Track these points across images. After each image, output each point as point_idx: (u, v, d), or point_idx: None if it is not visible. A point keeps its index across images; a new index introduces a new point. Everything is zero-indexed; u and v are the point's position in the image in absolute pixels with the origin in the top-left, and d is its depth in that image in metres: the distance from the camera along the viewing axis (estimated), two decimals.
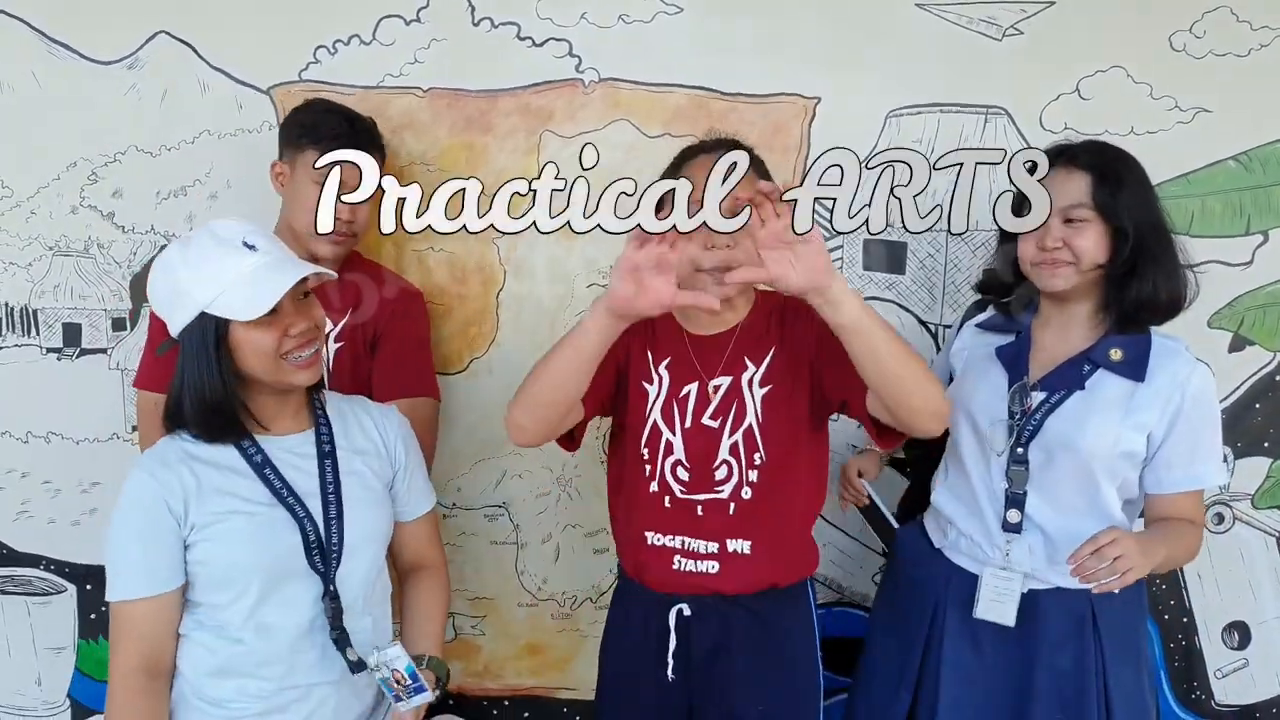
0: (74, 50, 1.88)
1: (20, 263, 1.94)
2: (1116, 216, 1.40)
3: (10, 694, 2.06)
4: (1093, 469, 1.44)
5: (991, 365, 1.55)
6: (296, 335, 1.24)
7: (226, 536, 1.25)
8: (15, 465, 1.99)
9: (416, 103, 1.90)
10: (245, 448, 1.29)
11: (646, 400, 1.47)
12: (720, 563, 1.45)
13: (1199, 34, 1.86)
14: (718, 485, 1.44)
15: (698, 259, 1.36)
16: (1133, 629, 1.52)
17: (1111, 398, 1.44)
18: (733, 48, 1.88)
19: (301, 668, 1.29)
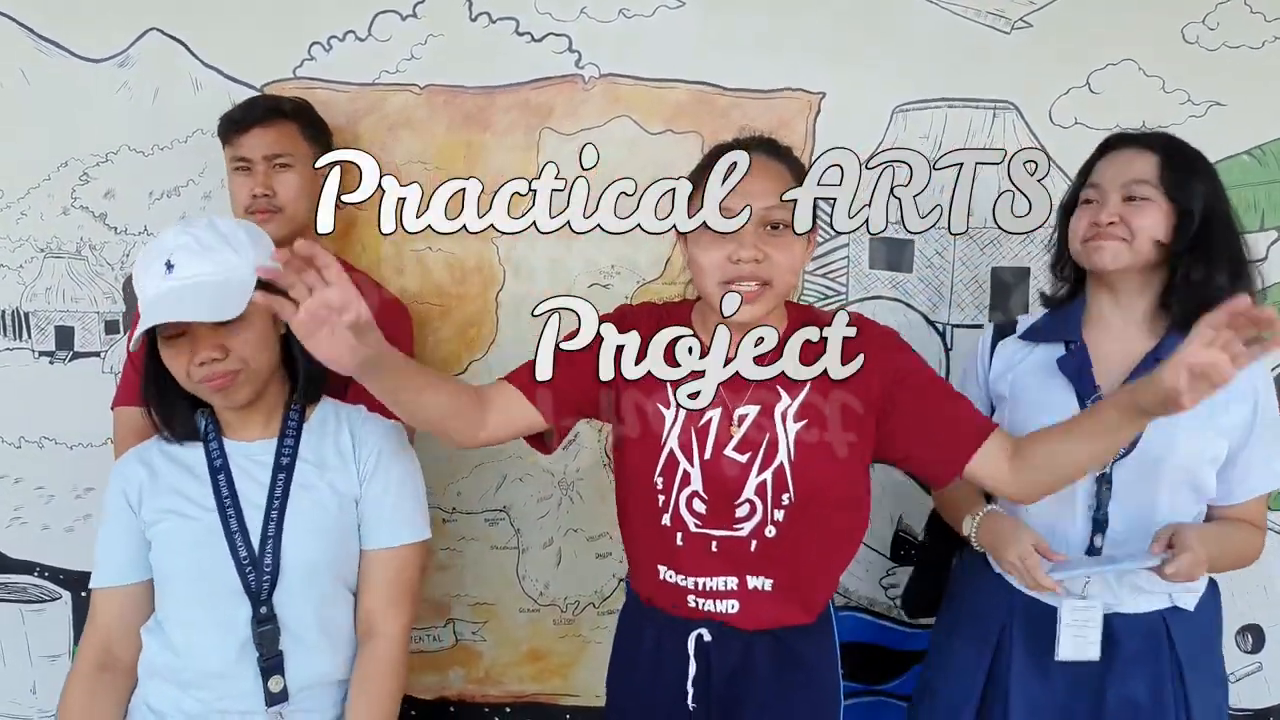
0: (64, 48, 1.85)
1: (11, 265, 1.92)
2: (1184, 199, 1.32)
3: (6, 703, 2.04)
4: (1183, 482, 1.35)
5: (1052, 380, 1.41)
6: (201, 366, 1.19)
7: (163, 537, 1.24)
8: (8, 471, 1.97)
9: (413, 100, 1.87)
10: (210, 448, 1.26)
11: (664, 425, 1.30)
12: (740, 601, 1.32)
13: (1212, 26, 1.82)
14: (738, 523, 1.29)
15: (720, 270, 1.21)
16: (1209, 644, 1.44)
17: None
18: (736, 42, 1.85)
19: (233, 694, 1.23)
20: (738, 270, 1.20)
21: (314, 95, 1.84)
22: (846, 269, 1.91)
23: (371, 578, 1.30)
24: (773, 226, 1.20)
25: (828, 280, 1.91)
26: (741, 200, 1.12)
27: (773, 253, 1.20)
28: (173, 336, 1.19)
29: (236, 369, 1.21)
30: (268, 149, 1.66)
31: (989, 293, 1.90)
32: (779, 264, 1.21)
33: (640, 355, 1.13)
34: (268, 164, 1.65)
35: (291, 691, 1.24)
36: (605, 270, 1.90)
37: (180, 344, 1.19)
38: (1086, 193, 1.40)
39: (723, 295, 1.19)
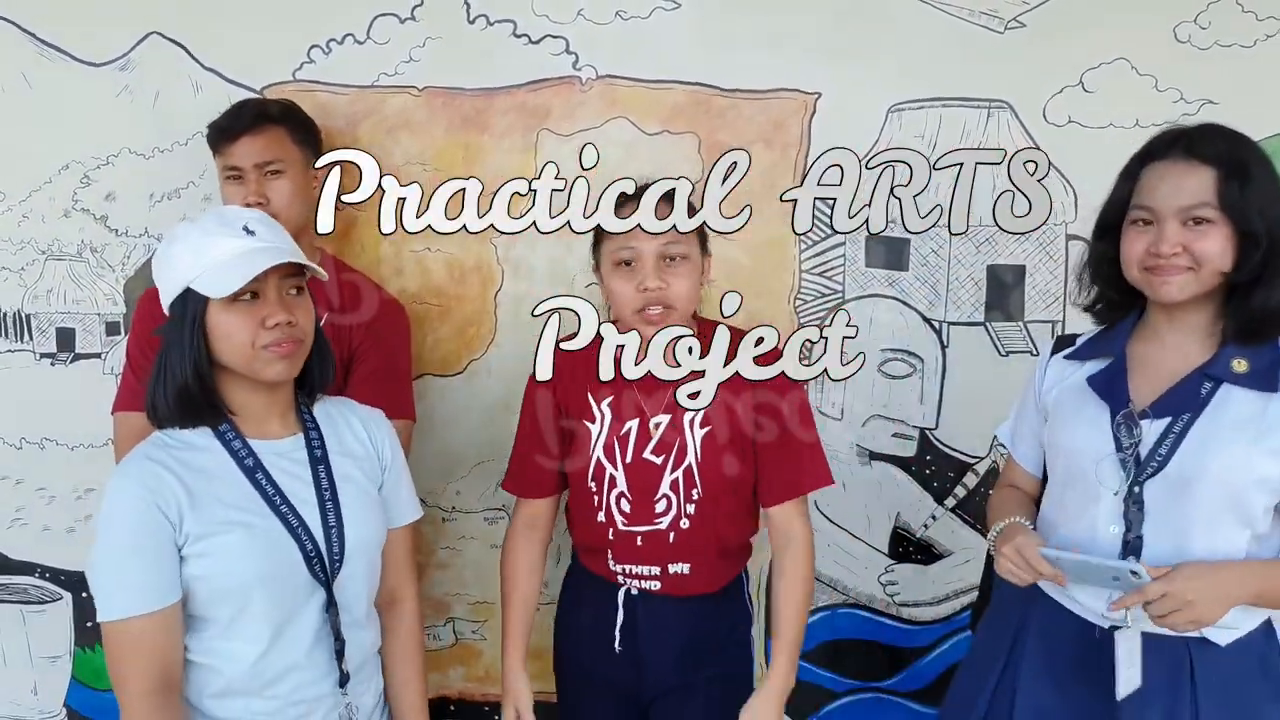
0: (65, 52, 1.86)
1: (12, 267, 1.92)
2: (1247, 220, 1.20)
3: (7, 704, 2.04)
4: (1222, 506, 1.24)
5: (1085, 396, 1.36)
6: (272, 328, 1.18)
7: (225, 550, 1.18)
8: (9, 472, 1.98)
9: (412, 102, 1.88)
10: (235, 449, 1.23)
11: (590, 438, 1.54)
12: (662, 582, 1.55)
13: (1204, 25, 1.84)
14: (657, 517, 1.53)
15: (632, 300, 1.44)
16: (1242, 687, 1.28)
17: (1240, 416, 1.24)
18: (732, 43, 1.86)
19: (307, 682, 1.26)
20: (645, 298, 1.44)
21: (313, 97, 1.85)
22: (844, 268, 1.92)
23: (393, 552, 1.40)
24: (669, 259, 1.45)
25: (825, 279, 1.92)
26: (641, 240, 1.41)
27: (673, 280, 1.44)
28: (239, 300, 1.18)
29: (301, 339, 1.22)
30: (258, 156, 1.65)
31: (985, 291, 1.91)
32: (677, 291, 1.45)
33: (640, 356, 1.18)
34: (259, 172, 1.65)
35: (351, 669, 1.29)
36: None
37: (251, 306, 1.18)
38: (1137, 213, 1.28)
39: (638, 321, 1.44)
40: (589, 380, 1.53)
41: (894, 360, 1.95)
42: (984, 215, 1.91)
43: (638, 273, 1.44)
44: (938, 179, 1.90)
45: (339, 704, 1.29)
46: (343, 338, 1.69)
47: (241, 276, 1.15)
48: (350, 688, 1.29)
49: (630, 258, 1.45)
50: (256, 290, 1.18)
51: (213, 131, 1.69)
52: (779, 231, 1.91)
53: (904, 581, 1.99)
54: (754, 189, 1.86)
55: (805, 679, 2.01)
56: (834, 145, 1.87)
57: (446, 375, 1.96)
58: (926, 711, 2.01)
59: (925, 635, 2.01)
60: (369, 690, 1.36)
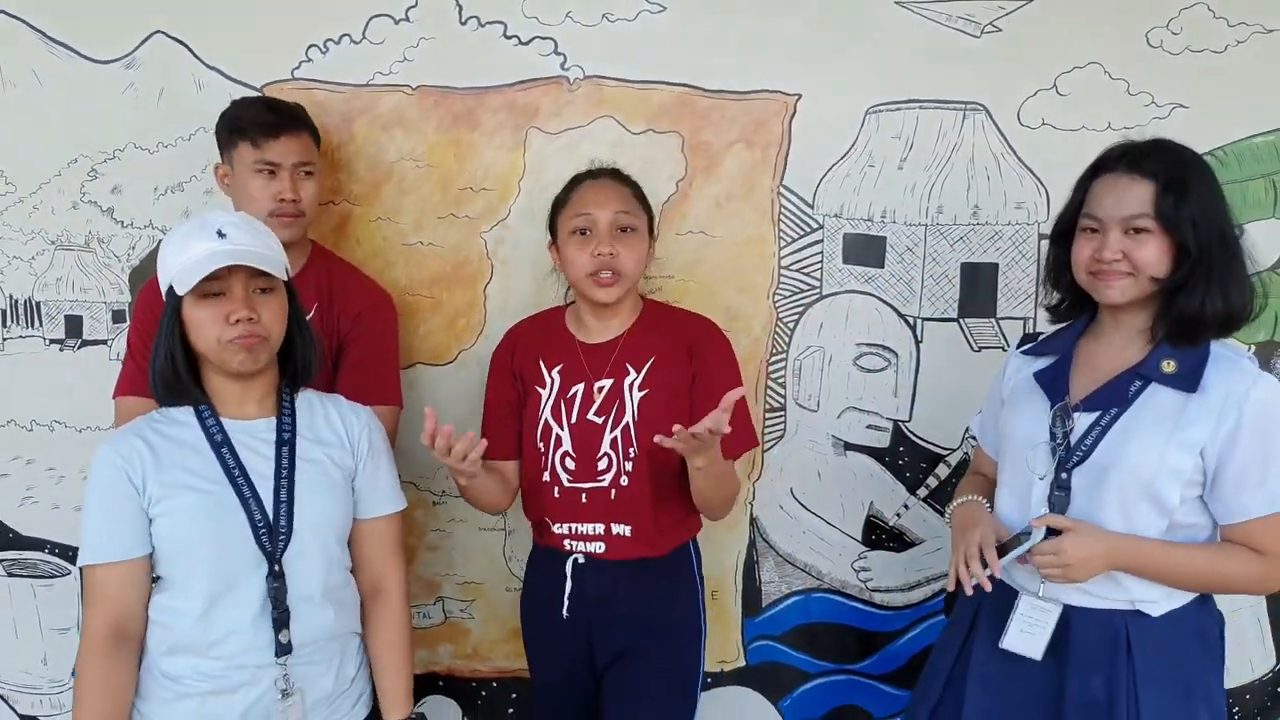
0: (73, 50, 1.93)
1: (24, 256, 2.00)
2: (1180, 231, 1.30)
3: (18, 673, 2.13)
4: (1134, 492, 1.34)
5: (1032, 390, 1.48)
6: (235, 324, 1.29)
7: (178, 511, 1.31)
8: (20, 452, 2.06)
9: (405, 100, 1.94)
10: (209, 426, 1.35)
11: (540, 402, 1.68)
12: (605, 543, 1.66)
13: (1175, 30, 1.88)
14: (599, 475, 1.64)
15: (585, 264, 1.60)
16: (1178, 655, 1.38)
17: (1161, 412, 1.34)
18: (715, 45, 1.92)
19: (248, 648, 1.32)
20: (598, 263, 1.60)
21: (311, 95, 1.92)
22: (820, 264, 1.98)
23: (372, 542, 1.48)
24: (622, 229, 1.63)
25: (802, 275, 1.98)
26: (598, 209, 1.62)
27: (623, 250, 1.61)
28: (208, 296, 1.30)
29: (264, 335, 1.33)
30: (298, 156, 1.73)
31: (959, 287, 1.97)
32: (626, 259, 1.61)
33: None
34: (295, 170, 1.73)
35: (298, 644, 1.35)
36: None
37: (217, 303, 1.30)
38: (1086, 221, 1.39)
39: (589, 284, 1.61)
40: (541, 350, 1.71)
41: (869, 354, 2.01)
42: (955, 212, 1.99)
43: (592, 240, 1.61)
44: (911, 176, 1.99)
45: (280, 675, 1.35)
46: (332, 327, 1.76)
47: (197, 275, 1.27)
48: (295, 662, 1.35)
49: (586, 225, 1.62)
50: (223, 289, 1.30)
51: (248, 124, 1.71)
52: (759, 229, 1.97)
53: (877, 568, 2.06)
54: (735, 188, 1.96)
55: (779, 660, 2.09)
56: (814, 144, 1.97)
57: (437, 364, 2.03)
58: (897, 693, 2.08)
59: (897, 620, 2.08)
60: (328, 672, 1.40)
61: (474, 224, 1.98)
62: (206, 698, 1.33)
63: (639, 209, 1.68)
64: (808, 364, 2.01)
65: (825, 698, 2.10)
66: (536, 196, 1.95)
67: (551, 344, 1.72)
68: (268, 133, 1.70)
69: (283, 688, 1.34)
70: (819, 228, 1.96)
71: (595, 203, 1.63)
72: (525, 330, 1.78)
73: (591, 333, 1.70)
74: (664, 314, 1.75)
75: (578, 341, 1.70)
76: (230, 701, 1.33)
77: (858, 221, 1.96)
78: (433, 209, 1.97)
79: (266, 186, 1.70)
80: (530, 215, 1.96)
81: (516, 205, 1.97)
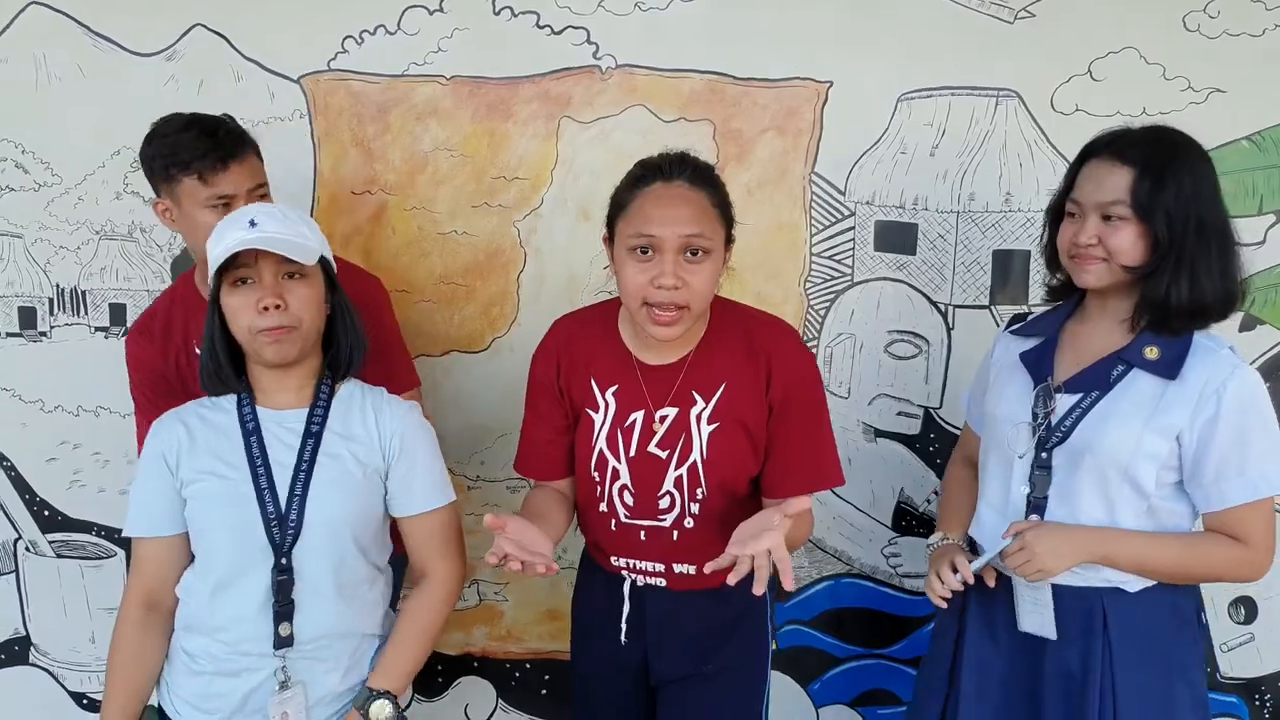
0: (116, 43, 1.97)
1: (70, 246, 2.05)
2: (1152, 219, 1.31)
3: (66, 650, 2.20)
4: (1112, 474, 1.36)
5: (1017, 370, 1.50)
6: (264, 312, 1.30)
7: (202, 496, 1.35)
8: (68, 437, 2.11)
9: (440, 90, 1.97)
10: (244, 414, 1.38)
11: (593, 428, 1.47)
12: (667, 580, 1.50)
13: (1213, 14, 1.87)
14: (661, 514, 1.46)
15: (643, 292, 1.33)
16: (1155, 631, 1.40)
17: (1140, 397, 1.36)
18: (747, 33, 1.92)
19: (251, 636, 1.34)
20: (658, 296, 1.32)
21: (347, 86, 1.95)
22: (852, 251, 1.99)
23: (417, 536, 1.45)
24: (691, 253, 1.32)
25: (833, 262, 1.99)
26: (664, 228, 1.30)
27: (690, 279, 1.32)
28: (240, 284, 1.32)
29: (293, 325, 1.33)
30: (251, 181, 1.60)
31: (990, 274, 1.97)
32: (696, 290, 1.33)
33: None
34: (250, 196, 1.59)
35: (302, 639, 1.35)
36: None
37: (247, 290, 1.32)
38: (1069, 205, 1.41)
39: (645, 315, 1.35)
40: (593, 364, 1.48)
41: (900, 341, 2.01)
42: (987, 199, 1.99)
43: (654, 265, 1.32)
44: (943, 163, 1.98)
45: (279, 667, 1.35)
46: None
47: (235, 248, 1.29)
48: (298, 656, 1.35)
49: (648, 245, 1.32)
50: (253, 276, 1.32)
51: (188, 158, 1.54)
52: (790, 216, 1.98)
53: (906, 553, 2.07)
54: (767, 175, 1.96)
55: (809, 644, 2.11)
56: (845, 132, 1.97)
57: (472, 352, 2.06)
58: None
59: (925, 605, 2.05)
60: (333, 670, 1.38)
61: (507, 213, 2.00)
62: (213, 678, 1.37)
63: (716, 222, 1.36)
64: (839, 351, 2.02)
65: (855, 682, 2.13)
66: (569, 185, 1.97)
67: (605, 360, 1.48)
68: (213, 166, 1.55)
69: (281, 679, 1.34)
70: (850, 215, 1.97)
71: (660, 220, 1.31)
72: (572, 337, 1.52)
73: (651, 351, 1.45)
74: (734, 320, 1.47)
75: (635, 360, 1.46)
76: (234, 685, 1.36)
77: (889, 209, 1.97)
78: (467, 198, 2.00)
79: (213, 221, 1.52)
80: (563, 204, 1.99)
81: (549, 194, 1.99)
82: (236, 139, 1.60)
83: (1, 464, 2.13)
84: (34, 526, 2.15)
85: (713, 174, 1.41)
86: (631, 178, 1.40)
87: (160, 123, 1.62)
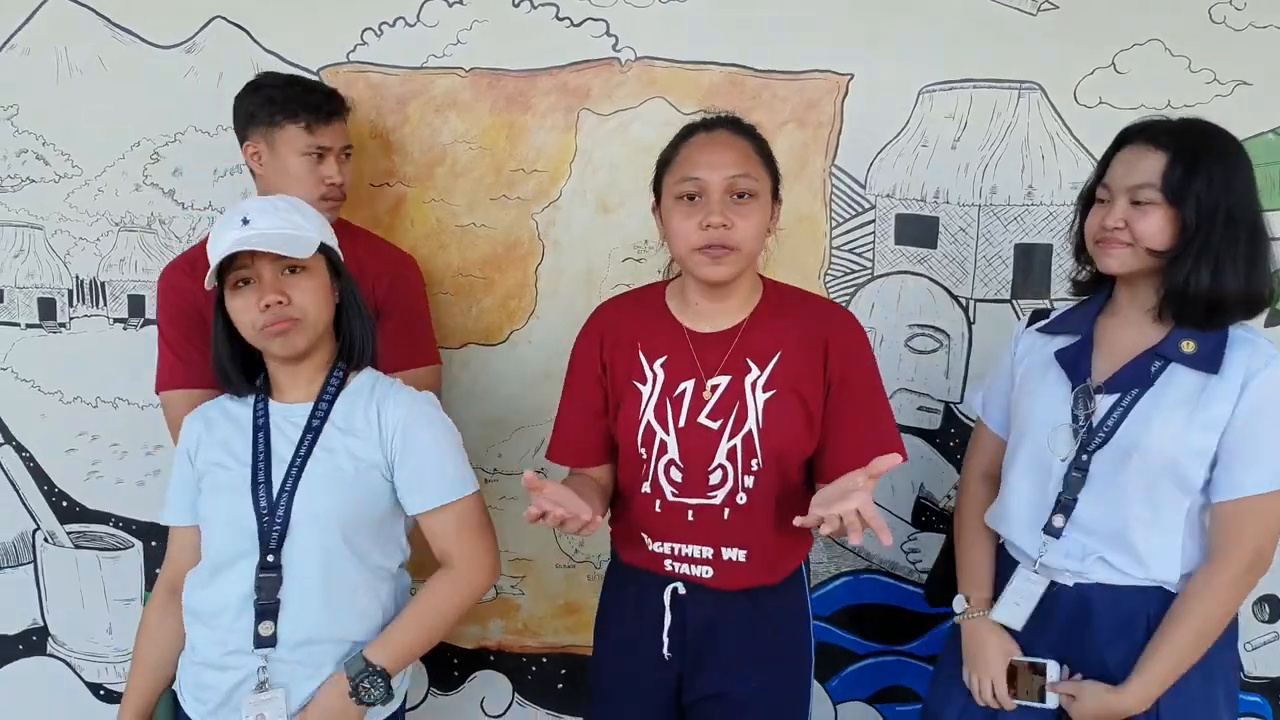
0: (137, 35, 1.98)
1: (89, 238, 2.05)
2: (1182, 204, 1.29)
3: (84, 641, 2.20)
4: (1159, 473, 1.33)
5: (1051, 369, 1.46)
6: (265, 309, 1.29)
7: (208, 489, 1.38)
8: (86, 428, 2.12)
9: (459, 82, 1.96)
10: (256, 409, 1.39)
11: (640, 400, 1.42)
12: (714, 569, 1.42)
13: (1239, 6, 1.85)
14: (711, 490, 1.39)
15: (692, 237, 1.33)
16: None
17: (1182, 393, 1.33)
18: (767, 25, 1.91)
19: (235, 632, 1.32)
20: (707, 236, 1.32)
21: (366, 78, 1.95)
22: (872, 244, 1.97)
23: (435, 534, 1.41)
24: (738, 195, 1.34)
25: (854, 255, 1.98)
26: (710, 172, 1.33)
27: (738, 220, 1.33)
28: (240, 286, 1.32)
29: (297, 317, 1.32)
30: (345, 140, 1.76)
31: (1012, 268, 1.95)
32: (744, 232, 1.34)
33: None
34: (340, 154, 1.75)
35: (285, 641, 1.32)
36: (639, 244, 1.98)
37: (248, 291, 1.31)
38: (1099, 190, 1.39)
39: (695, 261, 1.35)
40: (641, 337, 1.45)
41: (921, 335, 2.00)
42: (1009, 192, 1.98)
43: (701, 208, 1.33)
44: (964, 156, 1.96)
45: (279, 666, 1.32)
46: (365, 297, 1.76)
47: (229, 249, 1.28)
48: (280, 659, 1.32)
49: (694, 190, 1.33)
50: (251, 275, 1.31)
51: (297, 107, 1.69)
52: (810, 209, 1.97)
53: (926, 549, 2.05)
54: (787, 168, 1.95)
55: (827, 640, 2.10)
56: (866, 125, 1.96)
57: (490, 345, 2.05)
58: None
59: None
60: (315, 677, 1.33)
61: (526, 205, 2.00)
62: (203, 668, 1.37)
63: (762, 168, 1.38)
64: None
65: (873, 678, 2.11)
66: (588, 178, 1.97)
67: (652, 330, 1.45)
68: (322, 118, 1.71)
69: (260, 679, 1.31)
70: (871, 208, 1.96)
71: (707, 164, 1.33)
72: (618, 313, 1.50)
73: (702, 319, 1.42)
74: (791, 298, 1.48)
75: (685, 329, 1.43)
76: (220, 678, 1.34)
77: (910, 202, 1.95)
78: (485, 190, 1.99)
79: (314, 171, 1.71)
80: (581, 196, 1.98)
81: (568, 186, 1.98)
82: (339, 100, 1.77)
83: (20, 455, 2.14)
84: (52, 517, 2.16)
85: (755, 129, 1.44)
86: (676, 138, 1.43)
87: (262, 76, 1.77)
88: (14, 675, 2.22)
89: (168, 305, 1.75)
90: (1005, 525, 1.50)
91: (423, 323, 1.87)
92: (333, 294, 1.39)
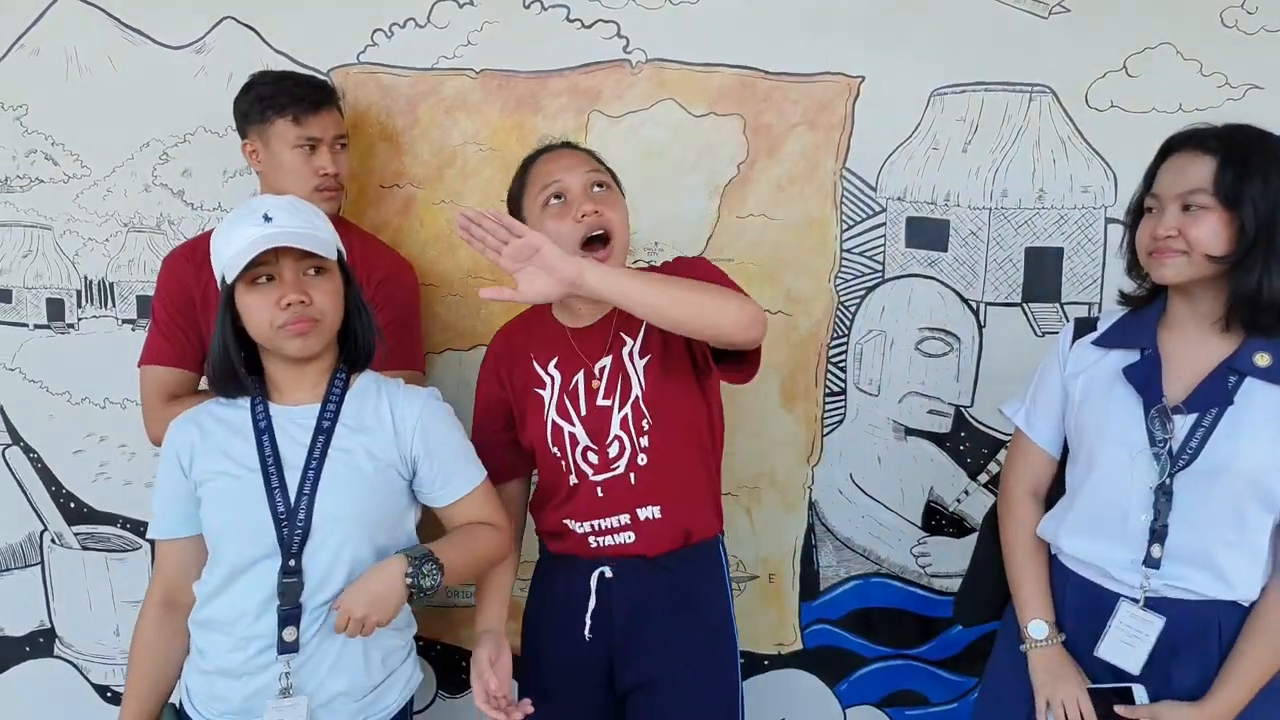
0: (147, 36, 1.98)
1: (98, 239, 2.05)
2: (1238, 207, 1.25)
3: (91, 643, 2.20)
4: (1246, 492, 1.29)
5: (1119, 388, 1.39)
6: (286, 308, 1.28)
7: (212, 496, 1.34)
8: (94, 429, 2.11)
9: (469, 84, 1.96)
10: (256, 412, 1.35)
11: (543, 404, 1.52)
12: (635, 532, 1.50)
13: (1251, 10, 1.84)
14: (613, 463, 1.48)
15: (571, 233, 1.43)
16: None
17: (1266, 409, 1.29)
18: (778, 27, 1.91)
19: (253, 635, 1.31)
20: (585, 226, 1.43)
21: (376, 79, 1.95)
22: (883, 247, 1.97)
23: (458, 516, 1.46)
24: (597, 186, 1.48)
25: (864, 258, 1.98)
26: (567, 174, 1.46)
27: (605, 208, 1.45)
28: (259, 282, 1.29)
29: (318, 318, 1.31)
30: (336, 129, 1.77)
31: (1022, 271, 1.95)
32: (612, 217, 1.46)
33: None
34: (333, 144, 1.76)
35: (308, 643, 1.31)
36: (649, 247, 1.98)
37: (268, 288, 1.29)
38: (1148, 200, 1.36)
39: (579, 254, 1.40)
40: (532, 347, 1.55)
41: (931, 339, 1.99)
42: (1020, 196, 1.97)
43: (571, 205, 1.44)
44: (975, 159, 1.96)
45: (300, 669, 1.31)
46: None
47: (244, 260, 1.26)
48: (303, 662, 1.31)
49: (559, 190, 1.45)
50: (273, 273, 1.29)
51: (285, 101, 1.71)
52: (821, 212, 1.97)
53: (936, 553, 2.05)
54: (797, 170, 1.95)
55: (836, 644, 2.10)
56: (877, 127, 1.95)
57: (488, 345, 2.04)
58: (955, 679, 2.07)
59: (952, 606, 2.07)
60: (340, 674, 1.34)
61: None
62: (216, 678, 1.35)
63: (607, 171, 1.53)
64: (869, 348, 2.00)
65: (882, 682, 2.10)
66: None
67: (541, 338, 1.56)
68: (308, 109, 1.72)
69: (283, 685, 1.31)
70: (881, 211, 1.96)
71: (563, 168, 1.47)
72: (508, 332, 1.64)
73: (581, 316, 1.54)
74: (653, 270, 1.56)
75: (567, 330, 1.54)
76: (234, 687, 1.33)
77: (921, 205, 1.95)
78: (495, 192, 1.99)
79: (307, 162, 1.73)
80: None
81: None
82: (325, 90, 1.79)
83: (28, 455, 2.13)
84: (60, 519, 2.15)
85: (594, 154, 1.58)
86: (520, 169, 1.57)
87: (255, 75, 1.78)
88: (21, 677, 2.22)
89: (164, 289, 1.76)
90: (1083, 548, 1.44)
91: (409, 328, 1.84)
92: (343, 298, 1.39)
